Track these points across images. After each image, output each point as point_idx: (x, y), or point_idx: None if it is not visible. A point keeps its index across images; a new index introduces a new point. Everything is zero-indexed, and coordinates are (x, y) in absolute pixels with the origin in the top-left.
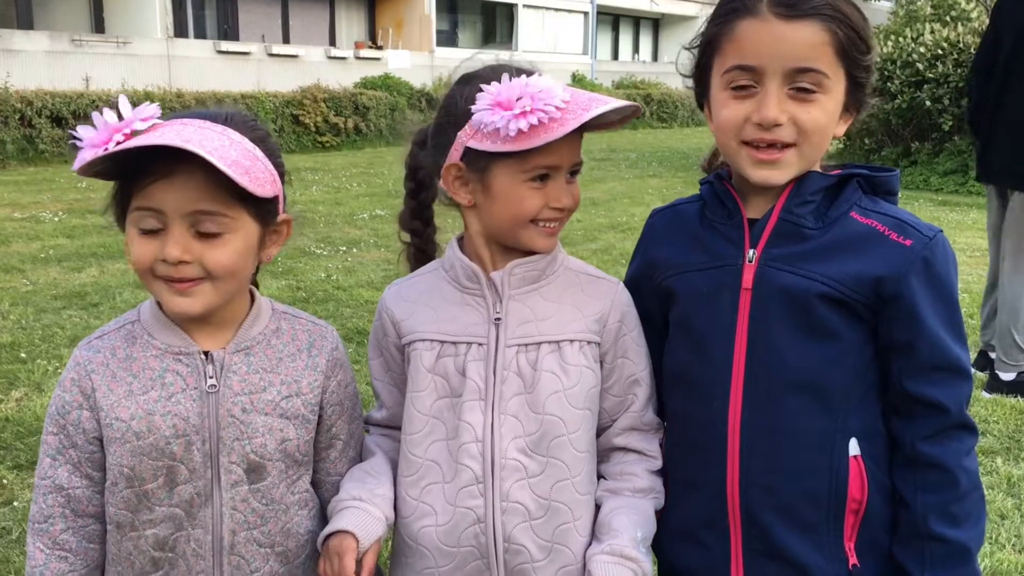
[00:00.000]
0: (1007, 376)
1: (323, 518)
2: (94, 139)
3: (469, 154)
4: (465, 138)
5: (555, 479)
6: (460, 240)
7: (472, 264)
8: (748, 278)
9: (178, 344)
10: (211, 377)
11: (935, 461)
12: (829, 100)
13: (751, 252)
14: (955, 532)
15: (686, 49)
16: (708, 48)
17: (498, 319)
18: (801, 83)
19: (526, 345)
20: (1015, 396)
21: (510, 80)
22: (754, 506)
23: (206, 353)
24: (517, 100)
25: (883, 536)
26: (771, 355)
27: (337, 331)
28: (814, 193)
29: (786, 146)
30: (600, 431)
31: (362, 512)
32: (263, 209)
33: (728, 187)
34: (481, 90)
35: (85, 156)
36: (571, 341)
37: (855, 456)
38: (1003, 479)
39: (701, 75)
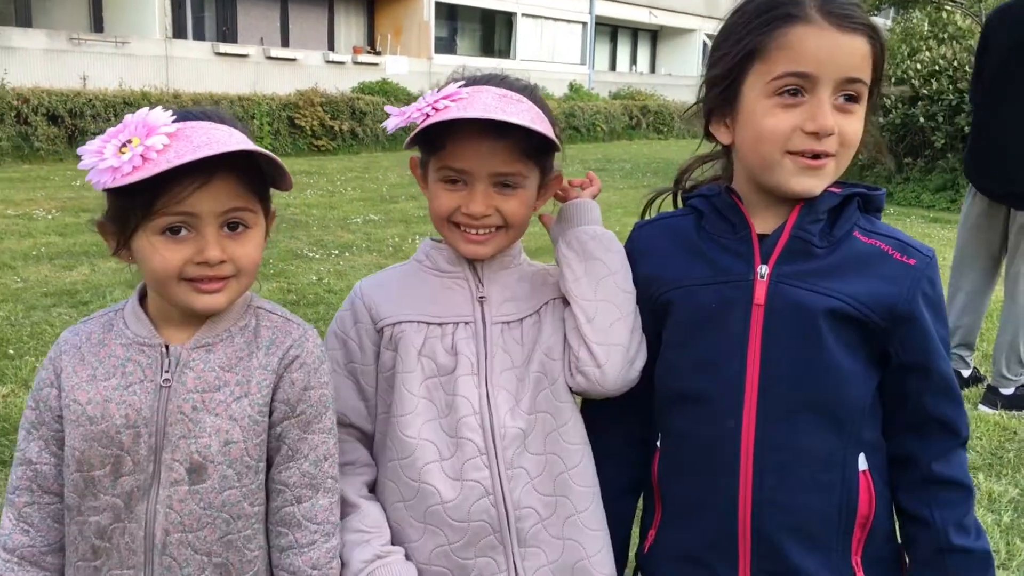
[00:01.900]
0: (1007, 390)
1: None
2: (115, 157)
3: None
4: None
5: (546, 432)
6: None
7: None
8: (760, 294)
9: (144, 335)
10: (167, 371)
11: (951, 479)
12: (862, 110)
13: (762, 268)
14: (975, 542)
15: (711, 66)
16: (746, 56)
17: (482, 297)
18: (849, 91)
19: (509, 323)
20: (1011, 411)
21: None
22: (767, 525)
23: (166, 347)
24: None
25: (884, 549)
26: (785, 372)
27: (321, 332)
28: (824, 211)
29: (828, 156)
30: None
31: (391, 567)
32: (267, 200)
33: (736, 201)
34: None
35: (109, 171)
36: (547, 303)
37: (864, 471)
38: (984, 495)
39: (728, 87)
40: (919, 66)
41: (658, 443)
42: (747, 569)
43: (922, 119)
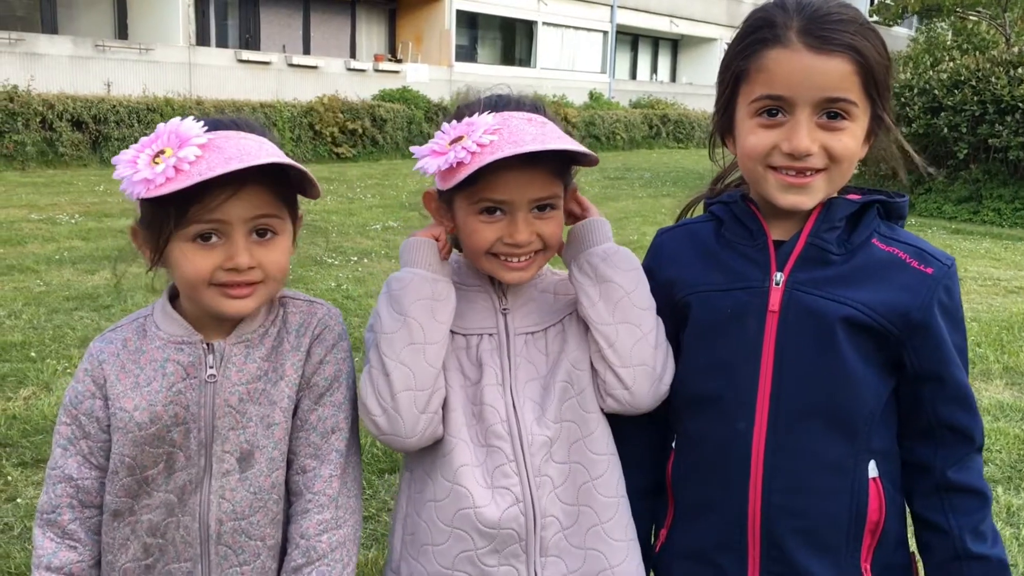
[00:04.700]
0: None
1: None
2: (146, 166)
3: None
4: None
5: (571, 441)
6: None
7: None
8: (775, 301)
9: (181, 334)
10: (211, 367)
11: (966, 486)
12: (857, 127)
13: (778, 275)
14: (992, 550)
15: (717, 95)
16: (735, 79)
17: (506, 309)
18: (832, 110)
19: (533, 333)
20: None
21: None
22: (775, 527)
23: (208, 344)
24: (454, 141)
25: (895, 555)
26: (798, 378)
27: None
28: (840, 219)
29: (816, 172)
30: None
31: None
32: (295, 207)
33: (752, 208)
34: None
35: (143, 182)
36: (570, 315)
37: (874, 478)
38: (1003, 508)
39: (726, 106)
40: (945, 76)
41: (673, 445)
42: (756, 570)
43: (945, 129)
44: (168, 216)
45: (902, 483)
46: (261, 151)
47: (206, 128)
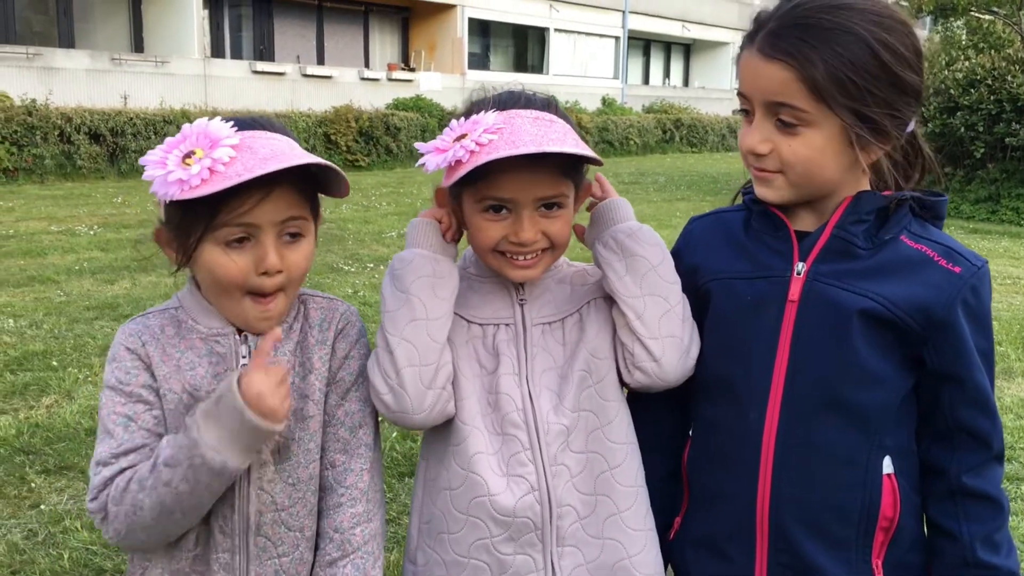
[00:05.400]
0: None
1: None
2: (176, 166)
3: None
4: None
5: (588, 430)
6: None
7: None
8: (795, 291)
9: (218, 327)
10: (244, 357)
11: (981, 492)
12: (815, 134)
13: (800, 265)
14: (1002, 560)
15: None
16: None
17: (523, 300)
18: (780, 116)
19: (550, 323)
20: None
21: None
22: (784, 519)
23: (242, 335)
24: (458, 139)
25: (910, 554)
26: (812, 370)
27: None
28: (868, 213)
29: (772, 171)
30: None
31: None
32: (317, 207)
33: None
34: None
35: (177, 183)
36: (588, 303)
37: (888, 474)
38: None
39: None
40: (960, 75)
41: (690, 432)
42: (764, 561)
43: (962, 128)
44: (199, 219)
45: (919, 484)
46: (294, 152)
47: (235, 128)
